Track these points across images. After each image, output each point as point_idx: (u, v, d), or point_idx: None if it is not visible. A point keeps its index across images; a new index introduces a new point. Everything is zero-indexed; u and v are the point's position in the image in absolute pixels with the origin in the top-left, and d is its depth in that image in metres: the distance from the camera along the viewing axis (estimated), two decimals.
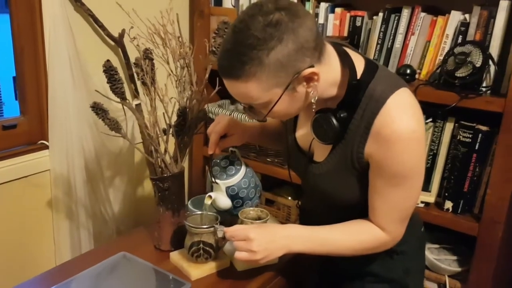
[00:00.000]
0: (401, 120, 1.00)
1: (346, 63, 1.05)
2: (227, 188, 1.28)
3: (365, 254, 1.16)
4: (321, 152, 1.16)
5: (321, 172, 1.15)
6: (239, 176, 1.29)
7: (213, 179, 1.27)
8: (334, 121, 1.04)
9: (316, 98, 1.02)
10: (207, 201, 1.27)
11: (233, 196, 1.29)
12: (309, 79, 0.98)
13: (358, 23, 1.83)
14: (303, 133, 1.22)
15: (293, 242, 1.11)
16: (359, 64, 1.06)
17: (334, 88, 1.06)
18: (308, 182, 1.22)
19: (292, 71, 0.96)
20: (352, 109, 1.05)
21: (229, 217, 1.35)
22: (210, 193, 1.28)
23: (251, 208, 1.34)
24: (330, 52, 1.04)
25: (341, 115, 1.04)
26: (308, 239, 1.12)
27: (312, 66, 0.97)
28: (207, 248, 1.25)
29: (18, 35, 1.64)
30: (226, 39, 0.99)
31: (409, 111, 1.02)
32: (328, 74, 1.03)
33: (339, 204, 1.17)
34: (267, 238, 1.10)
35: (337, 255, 1.15)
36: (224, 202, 1.28)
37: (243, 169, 1.31)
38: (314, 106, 1.03)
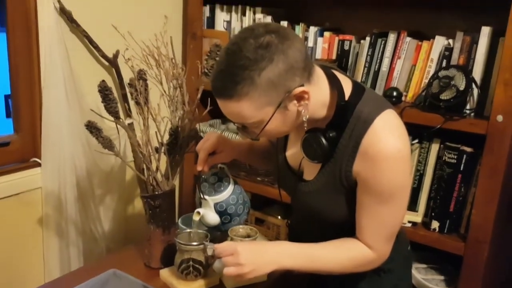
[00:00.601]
0: (387, 140, 1.05)
1: (335, 85, 1.09)
2: (216, 204, 1.30)
3: (352, 272, 1.18)
4: (310, 171, 1.19)
5: (310, 190, 1.18)
6: (227, 192, 1.31)
7: (201, 195, 1.29)
8: (324, 140, 1.08)
9: (308, 117, 1.06)
10: (196, 217, 1.29)
11: (221, 212, 1.30)
12: (300, 97, 1.02)
13: (346, 47, 1.88)
14: (293, 152, 1.26)
15: (282, 258, 1.13)
16: (347, 86, 1.11)
17: (323, 109, 1.10)
18: (298, 200, 1.25)
19: (283, 90, 0.99)
20: (340, 129, 1.09)
21: (218, 234, 1.37)
22: (199, 209, 1.30)
23: (241, 226, 1.36)
24: (319, 74, 1.09)
25: (330, 134, 1.08)
26: (297, 255, 1.13)
27: (302, 85, 1.01)
28: (197, 266, 1.26)
29: (14, 54, 1.67)
30: (219, 60, 1.03)
31: (395, 132, 1.07)
32: (318, 95, 1.07)
33: (328, 222, 1.19)
34: (254, 252, 1.11)
35: (326, 272, 1.16)
36: (213, 218, 1.30)
37: (231, 185, 1.33)
38: (305, 125, 1.07)
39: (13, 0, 1.62)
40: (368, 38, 1.82)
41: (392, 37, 1.77)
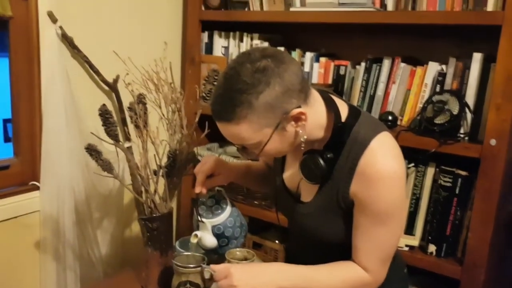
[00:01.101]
0: (383, 161, 1.07)
1: (332, 107, 1.12)
2: (213, 227, 1.30)
3: None
4: (308, 192, 1.21)
5: (308, 211, 1.20)
6: (224, 215, 1.32)
7: (199, 218, 1.30)
8: (321, 161, 1.10)
9: (305, 137, 1.08)
10: (193, 240, 1.30)
11: (218, 235, 1.31)
12: (297, 118, 1.05)
13: (342, 72, 1.92)
14: (291, 174, 1.27)
15: (276, 278, 1.13)
16: (343, 109, 1.14)
17: (321, 131, 1.13)
18: (295, 222, 1.26)
19: (280, 112, 1.02)
20: (337, 150, 1.11)
21: (215, 257, 1.37)
22: (196, 232, 1.31)
23: (238, 249, 1.37)
24: (316, 97, 1.12)
25: (328, 155, 1.11)
26: (291, 276, 1.14)
27: (299, 107, 1.04)
28: None
29: (16, 79, 1.70)
30: (218, 85, 1.06)
31: (391, 153, 1.09)
32: (315, 116, 1.10)
33: (326, 243, 1.20)
34: (248, 273, 1.12)
35: None
36: (210, 241, 1.30)
37: (228, 208, 1.34)
38: (303, 145, 1.10)
39: (16, 25, 1.65)
40: (363, 64, 1.86)
41: (386, 63, 1.81)
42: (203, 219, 1.30)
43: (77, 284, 1.88)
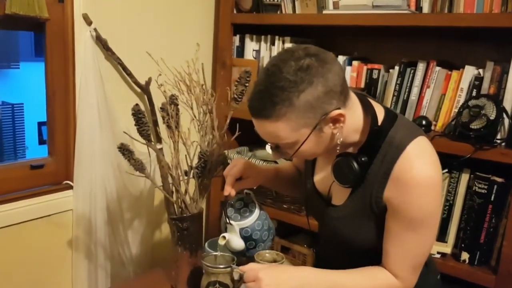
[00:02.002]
0: (419, 166, 1.05)
1: (369, 111, 1.11)
2: (241, 229, 1.30)
3: None
4: (340, 195, 1.19)
5: (339, 215, 1.18)
6: (253, 218, 1.31)
7: (227, 220, 1.30)
8: (355, 165, 1.08)
9: (341, 140, 1.06)
10: (221, 242, 1.29)
11: (246, 238, 1.30)
12: (336, 120, 1.04)
13: (374, 76, 1.89)
14: (322, 177, 1.26)
15: (304, 283, 1.12)
16: (380, 113, 1.12)
17: (356, 134, 1.11)
18: (326, 226, 1.24)
19: (320, 112, 1.01)
20: (372, 154, 1.09)
21: (244, 259, 1.37)
22: (224, 234, 1.31)
23: (267, 250, 1.36)
24: (354, 100, 1.10)
25: (362, 159, 1.09)
26: (320, 281, 1.12)
27: (338, 108, 1.02)
28: None
29: (51, 80, 1.74)
30: (258, 81, 1.05)
31: (428, 158, 1.07)
32: (352, 119, 1.08)
33: (356, 248, 1.18)
34: (276, 279, 1.10)
35: None
36: (238, 243, 1.30)
37: (257, 211, 1.33)
38: (338, 148, 1.08)
39: (52, 27, 1.69)
40: (397, 67, 1.83)
41: (421, 67, 1.77)
42: (231, 222, 1.30)
43: (107, 283, 1.91)
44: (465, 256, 1.67)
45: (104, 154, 1.79)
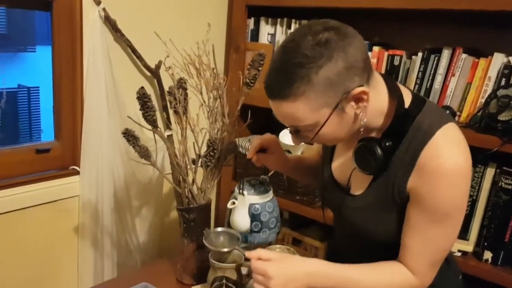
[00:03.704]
0: (448, 154, 0.97)
1: (394, 93, 1.03)
2: (251, 205, 1.24)
3: None
4: (359, 184, 1.12)
5: (358, 205, 1.11)
6: (266, 196, 1.26)
7: (240, 191, 1.24)
8: (379, 150, 1.01)
9: (365, 121, 0.99)
10: (230, 206, 1.24)
11: (254, 217, 1.25)
12: (358, 99, 0.96)
13: (396, 62, 1.80)
14: (341, 165, 1.19)
15: (315, 280, 1.05)
16: (407, 96, 1.04)
17: (380, 118, 1.04)
18: (343, 217, 1.17)
19: (341, 90, 0.94)
20: (397, 139, 1.02)
21: (252, 247, 1.30)
22: (234, 200, 1.24)
23: (278, 245, 1.30)
24: (379, 80, 1.03)
25: (386, 144, 1.01)
26: (331, 278, 1.06)
27: (361, 86, 0.95)
28: (230, 285, 1.20)
29: (58, 63, 1.68)
30: (274, 59, 0.98)
31: (457, 146, 0.99)
32: (376, 100, 1.01)
33: (374, 241, 1.11)
34: (286, 276, 1.04)
35: None
36: (244, 220, 1.24)
37: (271, 192, 1.29)
38: (362, 130, 1.01)
39: (59, 7, 1.63)
40: (420, 54, 1.73)
41: (446, 53, 1.67)
42: (244, 192, 1.24)
43: (114, 271, 1.87)
44: (488, 255, 1.59)
45: (112, 139, 1.74)
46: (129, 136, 1.22)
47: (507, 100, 1.49)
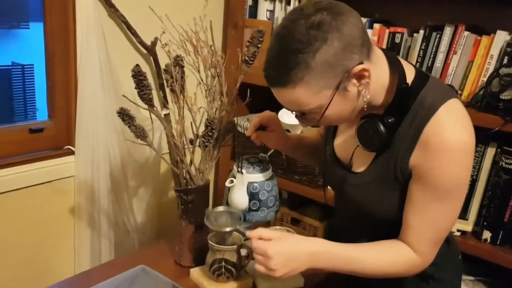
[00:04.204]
0: (452, 130, 0.95)
1: (396, 67, 1.01)
2: (250, 183, 1.22)
3: (395, 278, 1.08)
4: (361, 162, 1.10)
5: (360, 182, 1.09)
6: (265, 175, 1.24)
7: (238, 169, 1.22)
8: (381, 127, 0.99)
9: (368, 97, 0.97)
10: (228, 184, 1.22)
11: (252, 195, 1.23)
12: (360, 76, 0.94)
13: (397, 40, 1.76)
14: (343, 143, 1.17)
15: (316, 260, 1.04)
16: (409, 72, 1.02)
17: (382, 93, 1.02)
18: (344, 195, 1.15)
19: (341, 70, 0.92)
20: (400, 115, 1.00)
21: (253, 226, 1.29)
22: (232, 178, 1.23)
23: (277, 227, 1.28)
24: (379, 55, 1.01)
25: (389, 120, 0.99)
26: (333, 257, 1.05)
27: (361, 63, 0.93)
28: (229, 267, 1.19)
29: (50, 39, 1.64)
30: (270, 47, 0.97)
31: (461, 122, 0.97)
32: (378, 76, 0.99)
33: (375, 219, 1.10)
34: (287, 256, 1.03)
35: (364, 276, 1.07)
36: (242, 198, 1.22)
37: (270, 171, 1.27)
38: (365, 106, 0.99)
39: None
40: (421, 31, 1.70)
41: (448, 31, 1.64)
42: (243, 171, 1.22)
43: (111, 252, 1.85)
44: (487, 235, 1.58)
45: (108, 118, 1.70)
46: (124, 115, 1.18)
47: (510, 78, 1.46)
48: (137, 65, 1.15)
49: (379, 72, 0.99)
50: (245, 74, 1.27)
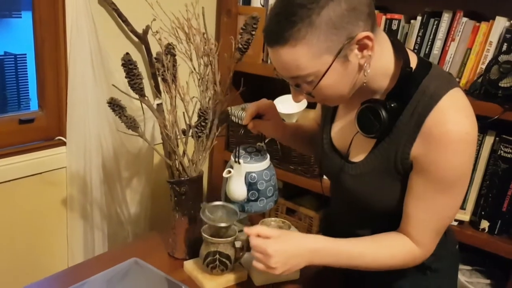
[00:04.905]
0: (456, 120, 0.93)
1: (400, 52, 0.98)
2: (248, 173, 1.19)
3: (391, 270, 1.07)
4: (360, 151, 1.07)
5: (358, 172, 1.07)
6: (263, 164, 1.21)
7: (236, 159, 1.19)
8: (383, 112, 0.97)
9: (369, 72, 0.94)
10: (226, 175, 1.19)
11: (251, 185, 1.20)
12: (363, 45, 0.91)
13: (394, 26, 1.73)
14: (341, 131, 1.14)
15: (315, 256, 1.03)
16: (413, 59, 1.00)
17: (386, 79, 1.00)
18: (341, 185, 1.12)
19: (344, 34, 0.88)
20: (402, 102, 0.98)
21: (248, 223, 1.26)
22: (230, 168, 1.20)
23: (272, 218, 1.26)
24: (384, 36, 0.99)
25: (391, 105, 0.97)
26: (332, 253, 1.03)
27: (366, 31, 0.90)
28: (224, 260, 1.16)
29: (39, 28, 1.60)
30: (273, 4, 0.93)
31: (464, 112, 0.95)
32: (381, 57, 0.96)
33: (372, 210, 1.08)
34: (286, 254, 1.02)
35: (364, 269, 1.06)
36: (240, 189, 1.19)
37: (268, 160, 1.24)
38: (365, 82, 0.96)
39: None
40: (419, 18, 1.67)
41: (446, 17, 1.61)
42: (240, 161, 1.19)
43: (104, 244, 1.83)
44: (484, 224, 1.57)
45: (99, 108, 1.67)
46: (115, 105, 1.15)
47: (509, 66, 1.44)
48: (127, 53, 1.12)
49: (383, 53, 0.97)
50: (238, 62, 1.23)
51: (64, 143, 1.68)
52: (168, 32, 1.21)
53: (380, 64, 0.97)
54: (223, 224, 1.17)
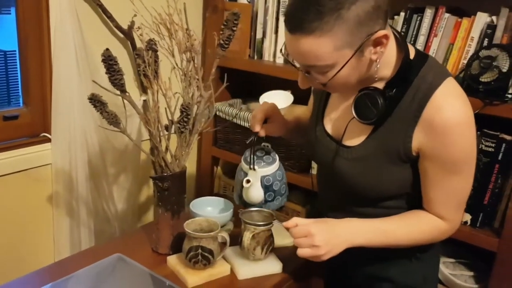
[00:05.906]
0: (455, 106, 0.98)
1: (403, 44, 1.02)
2: (263, 177, 1.23)
3: (386, 255, 1.13)
4: (354, 135, 1.09)
5: (354, 157, 1.09)
6: (275, 166, 1.25)
7: (251, 166, 1.22)
8: (381, 99, 1.00)
9: (378, 67, 0.98)
10: (246, 185, 1.22)
11: (267, 188, 1.24)
12: (379, 42, 0.94)
13: None
14: (334, 117, 1.16)
15: (355, 235, 1.07)
16: (411, 51, 1.04)
17: (388, 69, 1.03)
18: (335, 171, 1.14)
19: (366, 31, 0.91)
20: (402, 89, 1.01)
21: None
22: (248, 177, 1.22)
23: (254, 208, 1.27)
24: (389, 29, 1.01)
25: (390, 93, 1.00)
26: (368, 231, 1.07)
27: (383, 29, 0.93)
28: (206, 254, 1.17)
29: (23, 24, 1.59)
30: None
31: (461, 98, 1.00)
32: (388, 51, 0.99)
33: (368, 197, 1.11)
34: (329, 233, 1.05)
35: (394, 246, 1.09)
36: (258, 193, 1.23)
37: (278, 160, 1.27)
38: (376, 76, 1.00)
39: None
40: (402, 14, 1.68)
41: (429, 13, 1.62)
42: (256, 167, 1.22)
43: (91, 240, 1.83)
44: (467, 217, 1.59)
45: (84, 104, 1.66)
46: (96, 101, 1.15)
47: (489, 61, 1.45)
48: (107, 49, 1.12)
49: (390, 47, 1.00)
50: (220, 58, 1.24)
51: (49, 140, 1.68)
52: (149, 28, 1.21)
53: (386, 57, 0.99)
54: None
